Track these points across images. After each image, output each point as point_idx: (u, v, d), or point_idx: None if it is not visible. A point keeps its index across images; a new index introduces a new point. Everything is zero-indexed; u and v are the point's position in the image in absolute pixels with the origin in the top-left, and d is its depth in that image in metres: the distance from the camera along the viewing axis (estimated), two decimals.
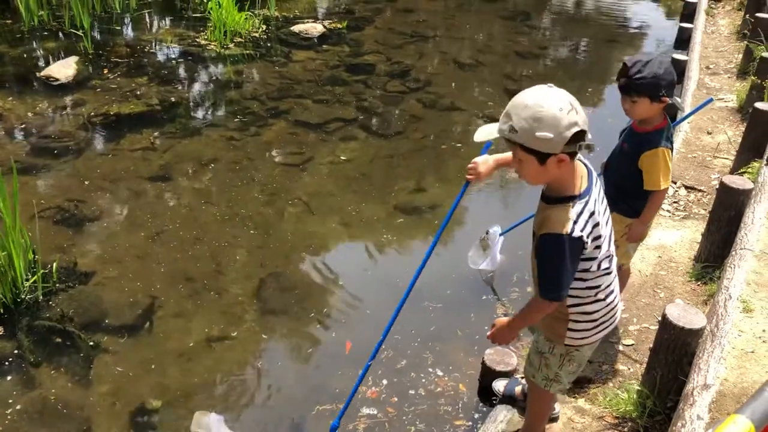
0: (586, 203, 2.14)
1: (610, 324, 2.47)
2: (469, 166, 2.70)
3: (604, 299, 2.36)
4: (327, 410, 3.46)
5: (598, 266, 2.26)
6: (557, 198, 2.16)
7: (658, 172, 3.05)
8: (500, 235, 4.44)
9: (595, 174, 2.26)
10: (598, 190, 2.25)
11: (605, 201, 2.31)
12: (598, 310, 2.37)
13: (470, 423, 3.42)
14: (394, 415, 3.45)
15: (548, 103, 1.98)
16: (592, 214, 2.14)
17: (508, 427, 3.08)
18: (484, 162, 2.70)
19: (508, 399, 3.24)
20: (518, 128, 2.01)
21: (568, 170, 2.12)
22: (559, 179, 2.14)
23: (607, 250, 2.25)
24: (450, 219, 2.87)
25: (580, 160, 2.23)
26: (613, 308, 2.43)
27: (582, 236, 2.11)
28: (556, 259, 2.14)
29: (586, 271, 2.25)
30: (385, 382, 3.66)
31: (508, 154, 2.43)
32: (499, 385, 3.33)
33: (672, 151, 3.12)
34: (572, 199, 2.13)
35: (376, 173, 5.85)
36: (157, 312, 4.10)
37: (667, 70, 2.94)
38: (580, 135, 2.01)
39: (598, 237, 2.19)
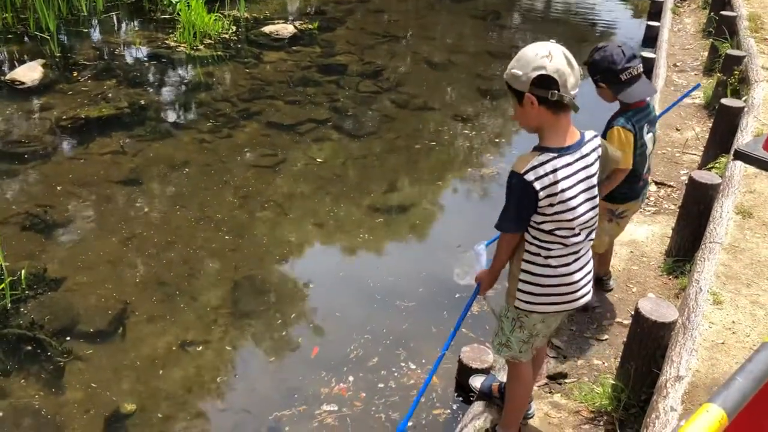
0: (554, 158, 2.26)
1: (564, 303, 2.50)
2: None
3: (554, 267, 2.41)
4: (285, 416, 3.44)
5: (552, 230, 2.33)
6: (535, 146, 2.33)
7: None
8: (487, 245, 4.34)
9: (593, 146, 2.36)
10: (585, 160, 2.33)
11: (594, 178, 2.37)
12: (546, 276, 2.43)
13: (449, 411, 3.43)
14: (362, 408, 3.45)
15: (531, 48, 2.22)
16: (554, 170, 2.24)
17: (485, 423, 3.09)
18: None
19: (485, 396, 3.25)
20: (507, 69, 2.27)
21: (549, 122, 2.26)
22: (542, 130, 2.31)
23: (568, 221, 2.32)
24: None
25: (582, 134, 2.34)
26: (567, 285, 2.45)
27: (532, 183, 2.23)
28: (508, 193, 2.34)
29: (537, 227, 2.34)
30: (351, 378, 3.66)
31: None
32: (476, 382, 3.35)
33: (640, 133, 3.21)
34: (542, 149, 2.29)
35: (350, 174, 5.84)
36: (129, 317, 4.05)
37: (604, 58, 3.09)
38: (547, 80, 2.17)
39: (554, 195, 2.26)
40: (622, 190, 3.36)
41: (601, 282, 3.93)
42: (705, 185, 3.96)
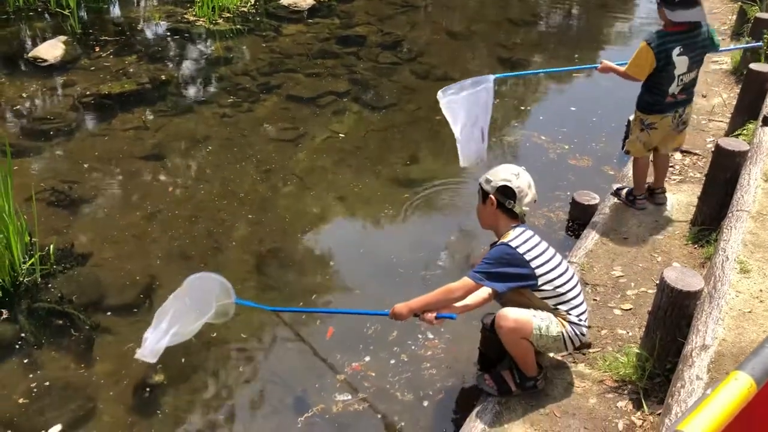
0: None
1: None
2: None
3: None
4: (308, 388, 3.47)
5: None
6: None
7: (633, 57, 3.93)
8: (494, 78, 4.60)
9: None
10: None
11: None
12: None
13: (471, 381, 3.43)
14: (378, 384, 3.46)
15: (505, 166, 2.99)
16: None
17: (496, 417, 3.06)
18: None
19: (504, 392, 3.10)
20: (483, 176, 3.01)
21: (504, 223, 2.95)
22: (497, 228, 2.98)
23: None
24: None
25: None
26: None
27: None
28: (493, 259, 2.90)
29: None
30: (368, 358, 3.63)
31: None
32: (484, 383, 3.15)
33: (666, 53, 3.78)
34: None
35: (371, 147, 5.83)
36: (156, 291, 4.10)
37: None
38: (509, 191, 2.89)
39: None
40: (646, 100, 3.99)
41: (653, 194, 4.40)
42: (732, 152, 3.89)
